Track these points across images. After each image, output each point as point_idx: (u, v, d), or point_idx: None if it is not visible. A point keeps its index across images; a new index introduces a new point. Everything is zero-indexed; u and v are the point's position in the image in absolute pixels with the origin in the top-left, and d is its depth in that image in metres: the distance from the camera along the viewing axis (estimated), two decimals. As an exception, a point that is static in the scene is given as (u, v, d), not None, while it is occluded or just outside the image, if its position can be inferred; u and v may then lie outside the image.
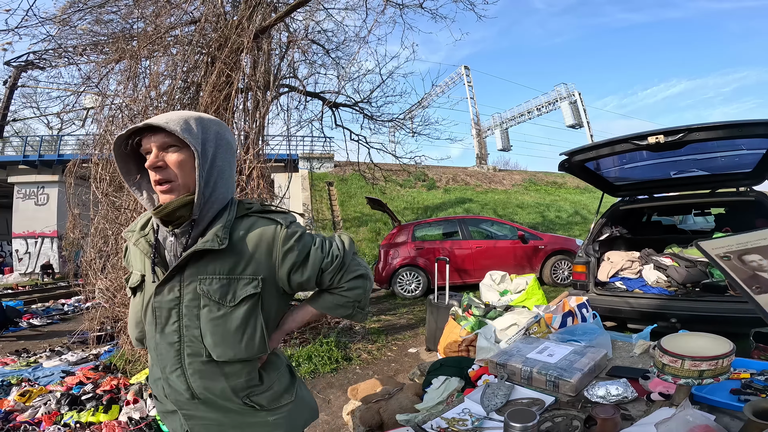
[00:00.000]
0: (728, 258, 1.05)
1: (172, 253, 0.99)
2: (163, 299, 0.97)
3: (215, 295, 0.96)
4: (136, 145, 0.97)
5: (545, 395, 1.39)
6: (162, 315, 0.98)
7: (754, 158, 3.46)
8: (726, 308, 3.24)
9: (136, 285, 1.04)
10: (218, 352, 0.96)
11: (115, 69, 4.73)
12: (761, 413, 0.97)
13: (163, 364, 1.00)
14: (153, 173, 0.94)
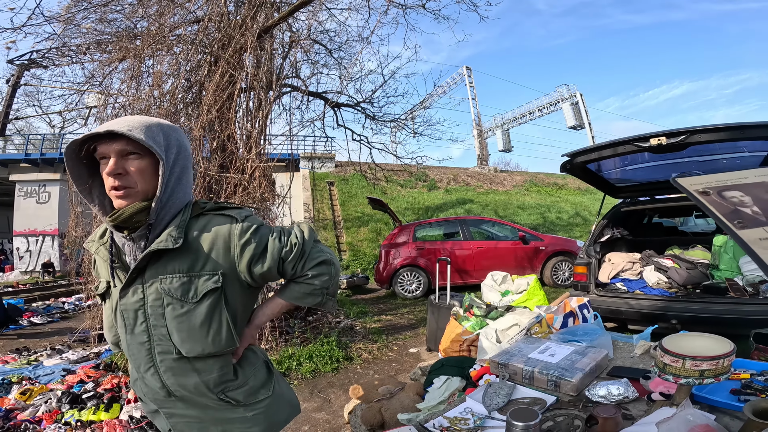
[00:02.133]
0: (707, 193, 1.03)
1: (132, 257, 1.01)
2: (128, 302, 1.00)
3: (177, 293, 0.97)
4: (91, 150, 0.95)
5: (547, 395, 1.40)
6: (129, 317, 1.00)
7: (756, 160, 3.47)
8: (726, 309, 3.25)
9: (103, 291, 1.07)
10: (186, 348, 0.98)
11: (118, 68, 4.74)
12: (761, 413, 0.98)
13: (137, 364, 1.04)
14: (111, 180, 0.94)
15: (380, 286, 8.43)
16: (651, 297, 3.70)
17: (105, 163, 0.93)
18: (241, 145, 4.48)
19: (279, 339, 4.52)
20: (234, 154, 4.34)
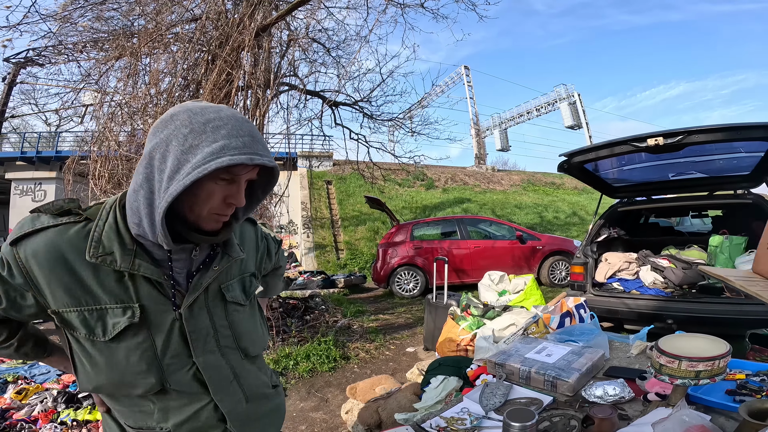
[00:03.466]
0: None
1: (184, 271, 0.89)
2: (198, 321, 0.89)
3: (239, 297, 0.97)
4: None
5: (543, 395, 1.40)
6: (199, 338, 0.89)
7: (752, 161, 3.48)
8: (722, 310, 3.27)
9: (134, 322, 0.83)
10: (252, 350, 1.00)
11: (115, 66, 4.71)
12: (756, 413, 0.99)
13: (214, 388, 0.92)
14: (227, 207, 0.84)
15: (377, 286, 8.43)
16: (647, 297, 3.72)
17: (222, 183, 0.80)
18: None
19: (276, 338, 4.52)
20: (231, 152, 4.32)
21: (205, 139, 0.75)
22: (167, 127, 0.78)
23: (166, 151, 0.76)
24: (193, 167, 0.74)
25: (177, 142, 0.76)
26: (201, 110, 0.79)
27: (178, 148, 0.76)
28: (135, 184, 0.79)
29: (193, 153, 0.75)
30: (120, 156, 4.45)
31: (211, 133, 0.76)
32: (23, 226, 0.81)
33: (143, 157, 0.80)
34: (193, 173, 0.73)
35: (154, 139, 0.78)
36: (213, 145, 0.75)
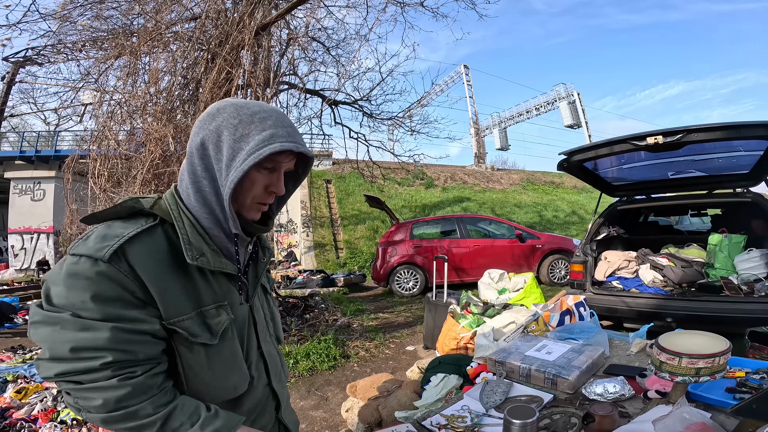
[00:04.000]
0: None
1: (241, 262, 0.92)
2: (258, 312, 0.96)
3: (270, 284, 1.06)
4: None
5: (543, 393, 1.40)
6: (262, 328, 0.96)
7: (751, 160, 3.49)
8: (721, 308, 3.28)
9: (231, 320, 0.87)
10: (281, 338, 1.07)
11: (114, 65, 4.71)
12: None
13: (273, 375, 0.97)
14: (268, 196, 0.87)
15: (377, 284, 8.44)
16: (647, 295, 3.73)
17: (265, 172, 0.84)
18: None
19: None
20: (231, 151, 4.32)
21: (254, 129, 0.80)
22: (215, 119, 0.81)
23: (219, 141, 0.80)
24: (248, 154, 0.78)
25: (228, 133, 0.80)
26: (245, 104, 0.83)
27: (230, 137, 0.79)
28: (194, 176, 0.82)
29: (245, 141, 0.79)
30: (119, 155, 4.45)
31: (259, 123, 0.81)
32: (106, 237, 0.75)
33: (192, 149, 0.82)
34: (248, 159, 0.78)
35: (202, 131, 0.82)
36: (262, 134, 0.80)
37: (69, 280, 0.71)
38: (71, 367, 0.71)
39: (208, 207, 0.83)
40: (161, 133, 4.01)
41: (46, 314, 0.72)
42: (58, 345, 0.70)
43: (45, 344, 0.72)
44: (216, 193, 0.82)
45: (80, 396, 0.72)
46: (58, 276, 0.72)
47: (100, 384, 0.71)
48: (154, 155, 4.02)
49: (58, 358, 0.71)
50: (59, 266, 0.74)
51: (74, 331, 0.70)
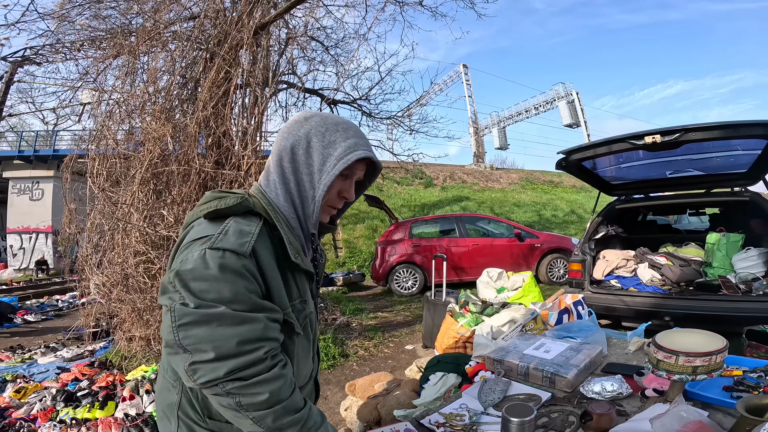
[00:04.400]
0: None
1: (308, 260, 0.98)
2: (316, 305, 1.03)
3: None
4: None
5: (542, 391, 1.41)
6: (318, 321, 1.08)
7: (749, 159, 3.50)
8: (719, 307, 3.28)
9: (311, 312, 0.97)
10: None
11: (112, 64, 4.70)
12: (753, 410, 0.99)
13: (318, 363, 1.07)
14: (341, 201, 0.96)
15: (376, 283, 8.44)
16: (645, 294, 3.73)
17: (340, 179, 0.91)
18: (237, 141, 4.47)
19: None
20: (230, 150, 4.33)
21: (339, 137, 0.89)
22: (303, 126, 0.90)
23: (309, 147, 0.88)
24: (337, 159, 0.87)
25: (317, 139, 0.88)
26: (329, 114, 0.94)
27: (320, 144, 0.88)
28: (283, 177, 0.89)
29: (333, 147, 0.88)
30: (118, 154, 4.44)
31: (343, 132, 0.90)
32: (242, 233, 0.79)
33: (282, 152, 0.90)
34: (338, 164, 0.87)
35: (292, 137, 0.89)
36: (347, 141, 0.89)
37: (219, 273, 0.72)
38: (238, 362, 0.71)
39: (293, 207, 0.90)
40: (160, 132, 4.01)
41: (201, 312, 0.70)
42: (223, 342, 0.70)
43: (207, 344, 0.70)
44: (300, 195, 0.90)
45: (246, 393, 0.72)
46: (203, 271, 0.72)
47: (264, 376, 0.73)
48: (152, 154, 4.01)
49: (224, 355, 0.70)
50: (200, 261, 0.73)
51: (235, 326, 0.71)
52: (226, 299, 0.72)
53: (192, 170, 4.05)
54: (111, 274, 4.34)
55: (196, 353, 0.70)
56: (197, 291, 0.71)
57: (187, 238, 0.81)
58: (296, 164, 0.89)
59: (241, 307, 0.73)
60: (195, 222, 0.87)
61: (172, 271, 0.74)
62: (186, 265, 0.73)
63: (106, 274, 4.39)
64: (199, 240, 0.77)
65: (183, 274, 0.72)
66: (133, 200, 4.04)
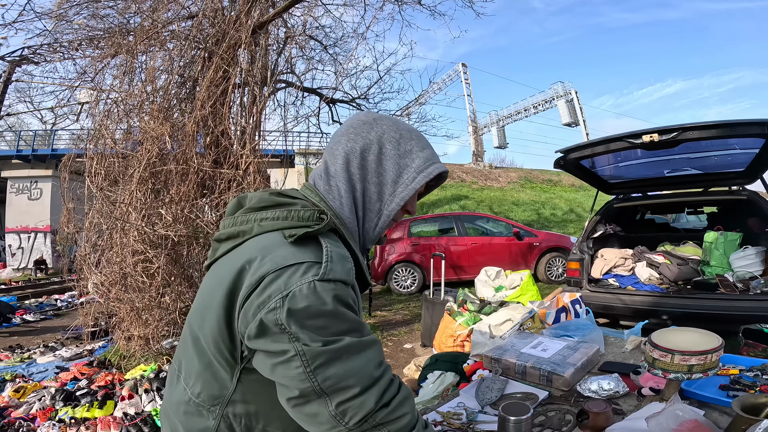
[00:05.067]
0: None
1: None
2: None
3: None
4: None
5: (539, 390, 1.41)
6: None
7: (747, 158, 3.50)
8: (716, 305, 3.29)
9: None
10: None
11: (110, 64, 4.70)
12: (749, 408, 0.99)
13: None
14: (404, 214, 0.87)
15: (375, 282, 8.45)
16: (642, 293, 3.74)
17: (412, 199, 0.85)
18: (235, 140, 4.47)
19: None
20: (228, 149, 4.33)
21: (415, 146, 0.81)
22: (373, 128, 0.81)
23: (381, 154, 0.79)
24: (417, 171, 0.80)
25: (391, 146, 0.80)
26: (396, 119, 0.86)
27: (394, 152, 0.80)
28: (350, 184, 0.79)
29: (410, 158, 0.80)
30: (116, 153, 4.44)
31: (417, 141, 0.82)
32: (343, 259, 0.71)
33: (350, 155, 0.79)
34: (419, 177, 0.80)
35: (360, 139, 0.80)
36: (424, 152, 0.82)
37: (335, 307, 0.65)
38: (380, 388, 0.66)
39: (356, 219, 0.81)
40: (158, 131, 4.01)
41: (331, 349, 0.64)
42: (361, 372, 0.65)
43: (348, 379, 0.64)
44: (364, 206, 0.81)
45: (393, 418, 0.67)
46: (320, 307, 0.64)
47: (401, 396, 0.69)
48: (150, 153, 4.01)
49: (368, 386, 0.65)
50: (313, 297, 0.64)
51: (362, 353, 0.66)
52: (345, 330, 0.66)
53: (190, 169, 4.05)
54: (109, 274, 4.34)
55: (339, 393, 0.64)
56: (318, 328, 0.64)
57: (268, 262, 0.68)
58: (365, 171, 0.79)
59: (358, 333, 0.68)
60: (258, 236, 0.74)
61: (273, 311, 0.63)
62: (297, 303, 0.63)
63: (105, 274, 4.39)
64: (293, 267, 0.66)
65: (299, 314, 0.63)
66: (131, 199, 4.04)
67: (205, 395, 0.74)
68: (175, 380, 0.82)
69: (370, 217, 0.82)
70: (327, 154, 0.84)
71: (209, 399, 0.74)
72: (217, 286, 0.71)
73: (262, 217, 0.75)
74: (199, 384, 0.75)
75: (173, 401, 0.80)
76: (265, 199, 0.77)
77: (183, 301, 4.14)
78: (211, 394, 0.74)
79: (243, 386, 0.72)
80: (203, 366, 0.74)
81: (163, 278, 3.94)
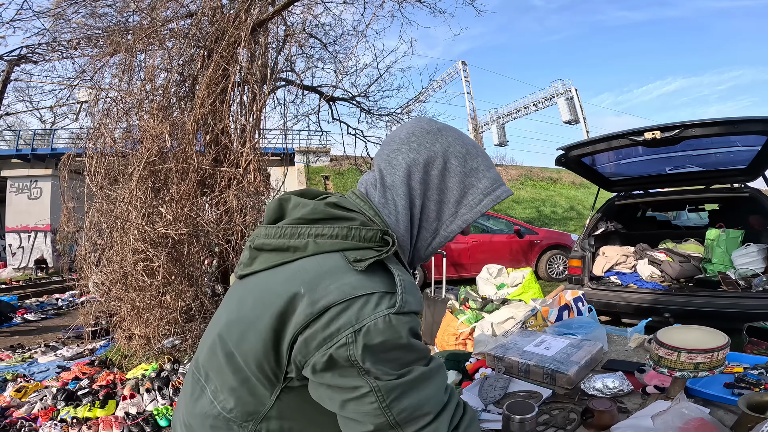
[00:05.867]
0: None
1: None
2: None
3: None
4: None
5: (542, 388, 1.41)
6: None
7: (749, 155, 3.50)
8: (719, 303, 3.29)
9: None
10: None
11: (109, 62, 4.69)
12: (755, 406, 0.99)
13: None
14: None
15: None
16: (644, 290, 3.74)
17: None
18: (235, 138, 4.47)
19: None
20: (228, 147, 4.33)
21: (481, 164, 0.76)
22: (438, 140, 0.75)
23: (445, 170, 0.74)
24: (484, 194, 0.75)
25: (457, 162, 0.74)
26: (459, 131, 0.79)
27: (460, 168, 0.74)
28: (410, 200, 0.73)
29: (475, 177, 0.75)
30: (116, 152, 4.43)
31: (483, 158, 0.77)
32: (414, 287, 0.66)
33: (413, 167, 0.73)
34: (486, 200, 0.75)
35: (424, 150, 0.74)
36: (491, 172, 0.76)
37: (410, 340, 0.63)
38: (450, 411, 0.65)
39: (410, 238, 0.75)
40: (158, 130, 4.00)
41: (405, 381, 0.62)
42: (433, 398, 0.64)
43: (423, 407, 0.63)
44: (420, 224, 0.75)
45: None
46: (396, 341, 0.62)
47: (468, 416, 0.68)
48: (150, 152, 4.01)
49: (440, 411, 0.64)
50: (389, 331, 0.61)
51: (432, 379, 0.65)
52: (415, 359, 0.64)
53: (190, 168, 4.05)
54: (110, 273, 4.34)
55: (413, 423, 0.62)
56: (391, 361, 0.62)
57: (334, 291, 0.62)
58: (427, 186, 0.73)
59: (426, 360, 0.65)
60: (315, 256, 0.67)
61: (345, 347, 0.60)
62: (372, 338, 0.60)
63: (105, 273, 4.39)
64: (364, 298, 0.61)
65: (374, 349, 0.60)
66: (131, 198, 4.03)
67: (238, 411, 0.71)
68: (197, 391, 0.77)
69: (424, 236, 0.76)
70: (382, 161, 0.76)
71: (243, 415, 0.71)
72: (263, 306, 0.66)
73: (317, 233, 0.68)
74: (233, 399, 0.71)
75: (196, 414, 0.76)
76: (320, 210, 0.70)
77: (184, 300, 4.14)
78: (246, 410, 0.71)
79: (281, 403, 0.69)
80: (238, 382, 0.70)
81: (163, 277, 3.94)
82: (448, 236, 0.75)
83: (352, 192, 0.78)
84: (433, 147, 0.74)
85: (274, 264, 0.70)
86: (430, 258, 0.79)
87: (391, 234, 0.67)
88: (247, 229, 4.13)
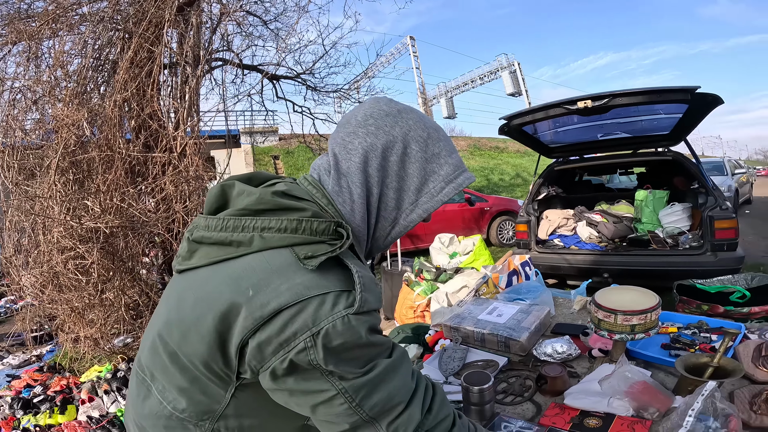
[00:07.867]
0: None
1: None
2: None
3: None
4: None
5: (498, 356, 1.44)
6: None
7: (671, 122, 3.73)
8: (650, 261, 3.53)
9: None
10: None
11: (12, 51, 4.17)
12: (692, 369, 1.06)
13: None
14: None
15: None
16: (584, 252, 3.97)
17: None
18: (168, 122, 4.16)
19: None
20: (159, 132, 4.02)
21: (443, 148, 0.72)
22: (397, 123, 0.70)
23: (405, 155, 0.69)
24: (446, 181, 0.71)
25: (418, 147, 0.70)
26: (420, 112, 0.73)
27: (420, 154, 0.70)
28: (366, 188, 0.68)
29: (436, 163, 0.71)
30: (28, 144, 4.01)
31: (445, 143, 0.72)
32: (371, 282, 0.63)
33: (370, 153, 0.68)
34: (448, 188, 0.71)
35: (382, 134, 0.69)
36: (453, 157, 0.72)
37: (370, 337, 0.61)
38: (419, 396, 0.65)
39: (366, 228, 0.70)
40: (74, 117, 3.63)
41: (370, 377, 0.60)
42: (401, 387, 0.63)
43: (393, 399, 0.62)
44: (378, 213, 0.71)
45: (438, 421, 0.65)
46: (357, 341, 0.59)
47: (438, 397, 0.68)
48: (67, 142, 3.65)
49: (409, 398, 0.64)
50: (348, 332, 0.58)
51: (398, 369, 0.63)
52: (378, 353, 0.63)
53: (116, 155, 3.73)
54: (39, 274, 3.98)
55: (387, 415, 0.62)
56: (356, 359, 0.60)
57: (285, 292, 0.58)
58: (385, 173, 0.69)
59: (389, 351, 0.64)
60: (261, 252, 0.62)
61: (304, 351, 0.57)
62: (332, 341, 0.57)
63: (34, 274, 4.02)
64: (318, 299, 0.58)
65: (335, 350, 0.58)
66: (51, 192, 3.67)
67: (191, 411, 0.67)
68: (144, 391, 0.72)
69: (383, 225, 0.72)
70: (337, 145, 0.71)
71: (197, 414, 0.67)
72: (205, 306, 0.61)
73: (263, 226, 0.62)
74: (184, 399, 0.66)
75: (146, 415, 0.71)
76: (267, 200, 0.64)
77: (128, 296, 3.90)
78: (199, 409, 0.67)
79: (237, 401, 0.66)
80: (188, 382, 0.66)
81: (99, 274, 3.67)
82: (408, 225, 0.72)
83: (305, 177, 0.72)
84: (393, 131, 0.69)
85: (216, 260, 0.65)
86: (389, 248, 0.80)
87: (345, 226, 0.63)
88: (189, 216, 3.91)
